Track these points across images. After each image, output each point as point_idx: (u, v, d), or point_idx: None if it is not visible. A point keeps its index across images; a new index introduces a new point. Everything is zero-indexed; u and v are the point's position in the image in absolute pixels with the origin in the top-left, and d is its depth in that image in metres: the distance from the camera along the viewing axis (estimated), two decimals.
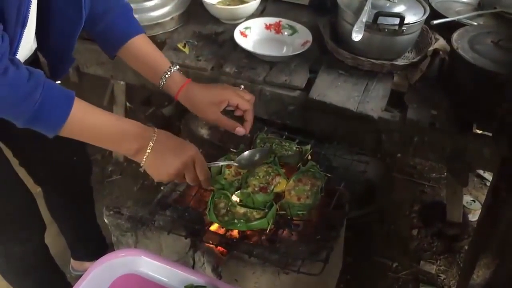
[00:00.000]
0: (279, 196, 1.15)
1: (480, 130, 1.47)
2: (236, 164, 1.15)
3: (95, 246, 1.76)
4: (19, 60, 0.90)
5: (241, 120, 1.19)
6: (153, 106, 2.61)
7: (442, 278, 1.83)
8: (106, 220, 1.13)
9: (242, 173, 1.18)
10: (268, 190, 1.14)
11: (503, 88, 1.21)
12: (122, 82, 1.96)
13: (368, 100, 1.49)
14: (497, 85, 1.25)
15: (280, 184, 1.15)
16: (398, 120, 1.45)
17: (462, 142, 1.42)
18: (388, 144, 1.49)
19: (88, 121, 0.95)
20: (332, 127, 1.52)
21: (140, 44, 1.18)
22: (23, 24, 0.94)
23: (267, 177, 1.16)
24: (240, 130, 1.16)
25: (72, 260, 1.82)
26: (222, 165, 1.17)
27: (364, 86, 1.55)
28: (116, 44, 1.17)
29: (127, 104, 2.08)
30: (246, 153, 1.18)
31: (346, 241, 1.60)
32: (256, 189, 1.14)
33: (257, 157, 1.18)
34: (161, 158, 0.97)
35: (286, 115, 1.55)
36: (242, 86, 1.26)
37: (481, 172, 2.17)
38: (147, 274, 0.85)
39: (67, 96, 0.93)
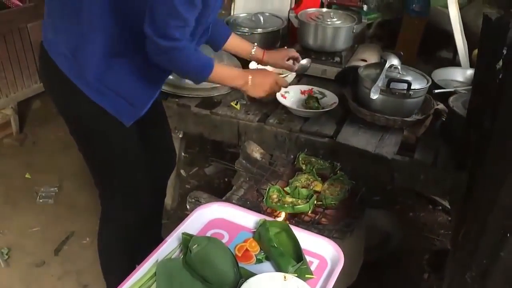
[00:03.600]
0: (316, 194, 1.50)
1: None
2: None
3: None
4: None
5: None
6: (196, 167, 3.03)
7: None
8: (188, 206, 1.49)
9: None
10: (309, 188, 1.50)
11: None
12: (180, 135, 2.38)
13: (383, 146, 1.88)
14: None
15: (317, 186, 1.52)
16: (407, 161, 1.83)
17: (459, 178, 1.77)
18: (400, 180, 1.85)
19: (218, 73, 1.60)
20: (354, 167, 1.89)
21: (233, 39, 1.89)
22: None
23: (307, 182, 1.53)
24: (294, 67, 2.03)
25: None
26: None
27: (379, 136, 1.94)
28: (221, 43, 1.85)
29: (183, 154, 2.49)
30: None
31: (363, 284, 1.87)
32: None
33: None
34: (258, 83, 1.68)
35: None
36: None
37: None
38: (229, 218, 1.20)
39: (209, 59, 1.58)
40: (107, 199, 1.72)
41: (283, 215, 1.44)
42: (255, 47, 1.95)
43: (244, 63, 2.20)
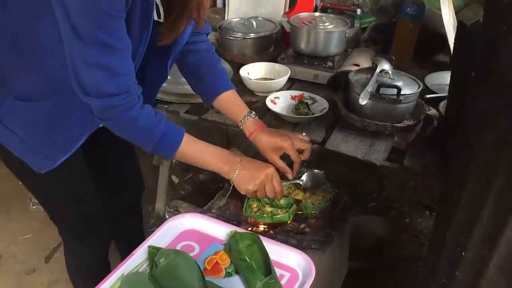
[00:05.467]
0: (297, 203, 1.47)
1: None
2: (300, 182, 1.51)
3: None
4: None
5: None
6: (191, 172, 3.01)
7: None
8: (166, 216, 1.46)
9: None
10: (289, 197, 1.47)
11: None
12: None
13: (372, 152, 1.85)
14: None
15: (298, 195, 1.49)
16: (397, 168, 1.79)
17: None
18: (388, 187, 1.82)
19: (194, 149, 1.31)
20: (343, 174, 1.86)
21: (227, 97, 1.56)
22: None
23: (289, 190, 1.50)
24: (288, 175, 1.51)
25: None
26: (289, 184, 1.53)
27: (369, 143, 1.91)
28: (211, 97, 1.56)
29: (173, 161, 2.47)
30: (306, 174, 1.55)
31: None
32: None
33: (315, 179, 1.56)
34: (248, 174, 1.31)
35: (306, 163, 1.90)
36: (304, 133, 1.64)
37: None
38: (202, 229, 1.18)
39: (179, 128, 1.30)
40: (62, 234, 1.66)
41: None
42: (249, 116, 1.55)
43: None
